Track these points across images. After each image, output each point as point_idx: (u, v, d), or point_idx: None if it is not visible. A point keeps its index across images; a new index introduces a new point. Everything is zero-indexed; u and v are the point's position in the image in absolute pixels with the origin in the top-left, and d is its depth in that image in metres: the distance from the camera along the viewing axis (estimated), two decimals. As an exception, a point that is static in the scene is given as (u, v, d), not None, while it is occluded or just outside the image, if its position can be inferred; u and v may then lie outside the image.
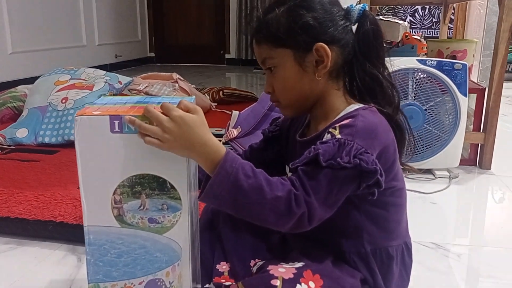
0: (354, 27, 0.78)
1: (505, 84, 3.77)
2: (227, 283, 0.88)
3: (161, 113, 0.68)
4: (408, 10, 5.32)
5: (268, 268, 0.73)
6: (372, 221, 0.80)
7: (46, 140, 1.89)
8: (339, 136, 0.71)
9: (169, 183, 0.71)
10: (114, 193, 0.72)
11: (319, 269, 0.75)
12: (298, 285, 0.71)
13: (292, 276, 0.72)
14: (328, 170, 0.69)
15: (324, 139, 0.73)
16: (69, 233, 1.18)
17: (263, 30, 0.79)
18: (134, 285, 0.75)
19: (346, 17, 0.78)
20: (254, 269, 0.82)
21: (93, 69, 2.21)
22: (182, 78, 2.48)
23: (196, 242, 0.82)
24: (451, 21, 3.98)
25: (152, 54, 5.63)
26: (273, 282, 0.70)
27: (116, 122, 0.68)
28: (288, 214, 0.68)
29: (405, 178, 1.62)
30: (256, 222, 0.72)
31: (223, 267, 0.92)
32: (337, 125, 0.74)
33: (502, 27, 1.66)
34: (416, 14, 5.33)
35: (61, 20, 3.90)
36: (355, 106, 0.78)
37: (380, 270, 0.80)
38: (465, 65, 1.64)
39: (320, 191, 0.69)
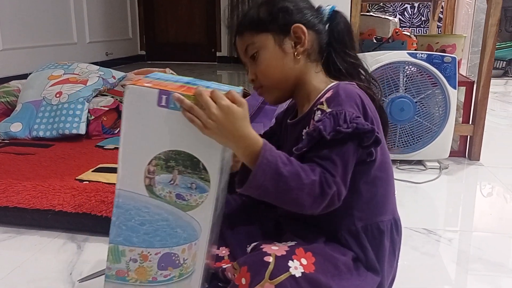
0: (326, 26, 0.86)
1: (493, 80, 3.84)
2: (225, 266, 0.90)
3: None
4: (398, 9, 5.37)
5: (261, 247, 0.76)
6: (361, 197, 0.83)
7: (41, 134, 1.90)
8: (329, 110, 0.76)
9: (202, 164, 0.73)
10: (149, 163, 0.74)
11: (311, 247, 0.78)
12: (290, 261, 0.73)
13: (284, 253, 0.75)
14: (335, 146, 0.74)
15: (316, 118, 0.77)
16: (68, 221, 1.19)
17: (244, 22, 0.85)
18: (150, 254, 0.78)
19: (317, 15, 0.86)
20: (249, 250, 0.85)
21: (87, 64, 2.21)
22: (175, 74, 2.49)
23: (216, 228, 0.84)
24: (439, 19, 4.04)
25: (143, 52, 5.63)
26: (266, 258, 0.73)
27: (164, 97, 0.70)
28: (322, 196, 0.72)
29: (396, 169, 1.67)
30: (291, 208, 0.75)
31: (222, 252, 0.94)
32: (322, 99, 0.79)
33: (490, 22, 1.70)
34: (405, 13, 5.39)
35: (52, 18, 3.89)
36: (335, 83, 0.84)
37: (372, 246, 0.83)
38: (455, 58, 1.68)
39: (339, 170, 0.74)
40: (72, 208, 1.20)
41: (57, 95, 1.97)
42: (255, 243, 0.81)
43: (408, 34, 2.70)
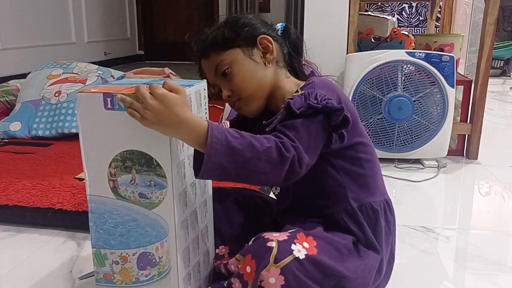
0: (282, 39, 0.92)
1: (491, 80, 3.85)
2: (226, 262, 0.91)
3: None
4: (395, 9, 5.38)
5: (263, 235, 0.77)
6: (351, 179, 0.86)
7: (40, 133, 1.90)
8: (301, 92, 0.80)
9: (155, 160, 0.73)
10: (109, 166, 0.75)
11: (311, 232, 0.81)
12: (293, 245, 0.74)
13: (286, 238, 0.76)
14: (303, 119, 0.76)
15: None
16: (67, 220, 1.19)
17: (208, 45, 0.88)
18: (129, 255, 0.79)
19: (273, 30, 0.92)
20: (250, 243, 0.85)
21: (85, 63, 2.22)
22: (174, 73, 2.49)
23: (200, 221, 0.84)
24: (437, 19, 4.05)
25: (141, 52, 5.63)
26: (269, 244, 0.74)
27: (109, 100, 0.72)
28: (281, 160, 0.73)
29: (394, 168, 1.68)
30: (256, 182, 0.77)
31: (222, 250, 0.95)
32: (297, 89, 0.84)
33: (488, 21, 1.71)
34: (403, 13, 5.40)
35: (50, 17, 3.89)
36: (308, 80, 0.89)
37: (368, 225, 0.85)
38: (453, 57, 1.68)
39: (302, 137, 0.76)
40: (72, 207, 1.20)
41: (56, 94, 1.97)
42: (255, 236, 0.82)
43: (406, 33, 2.71)
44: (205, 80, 0.86)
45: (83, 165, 0.77)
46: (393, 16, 5.31)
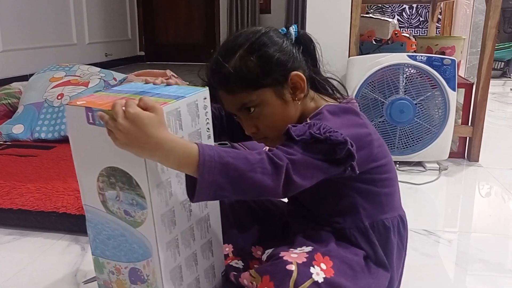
0: (299, 52, 0.85)
1: (491, 81, 3.85)
2: (234, 264, 0.92)
3: None
4: (396, 10, 5.39)
5: (281, 255, 0.77)
6: (364, 197, 0.86)
7: (43, 136, 1.91)
8: (309, 121, 0.78)
9: (135, 180, 0.69)
10: (97, 180, 0.74)
11: (327, 251, 0.80)
12: (311, 268, 0.75)
13: (305, 260, 0.76)
14: (301, 143, 0.74)
15: None
16: (71, 223, 1.20)
17: (233, 79, 0.80)
18: (121, 268, 0.78)
19: (290, 43, 0.84)
20: (264, 257, 0.86)
21: (88, 66, 2.22)
22: (176, 75, 2.50)
23: (194, 240, 0.80)
24: (438, 20, 4.05)
25: (142, 53, 5.63)
26: (289, 267, 0.73)
27: (90, 114, 0.69)
28: (276, 170, 0.70)
29: (396, 170, 1.68)
30: (255, 195, 0.73)
31: (226, 249, 0.96)
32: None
33: (489, 24, 1.72)
34: (403, 14, 5.40)
35: (51, 19, 3.90)
36: (324, 103, 0.85)
37: (379, 242, 0.86)
38: (454, 60, 1.69)
39: (295, 154, 0.73)
40: (76, 210, 1.21)
41: (59, 97, 1.98)
42: (270, 251, 0.82)
43: (408, 35, 2.72)
44: (207, 88, 0.79)
45: (77, 175, 0.76)
46: (394, 18, 5.32)
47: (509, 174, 1.73)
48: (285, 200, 1.01)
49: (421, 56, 1.69)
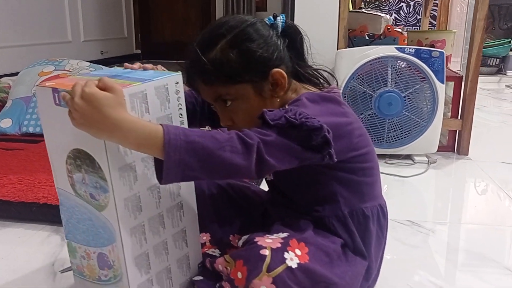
0: (284, 44, 0.83)
1: (486, 78, 3.84)
2: (211, 252, 0.91)
3: None
4: (393, 8, 5.38)
5: (255, 240, 0.76)
6: (344, 186, 0.85)
7: (30, 129, 1.90)
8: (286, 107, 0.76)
9: (97, 162, 0.68)
10: (66, 163, 0.73)
11: (303, 238, 0.79)
12: (286, 253, 0.74)
13: (279, 245, 0.75)
14: (276, 128, 0.72)
15: None
16: (52, 214, 1.19)
17: (211, 71, 0.78)
18: (91, 253, 0.77)
19: (276, 35, 0.82)
20: (240, 243, 0.85)
21: (78, 61, 2.22)
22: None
23: (164, 228, 0.78)
24: (434, 17, 4.04)
25: (139, 51, 5.62)
26: (263, 251, 0.73)
27: (56, 95, 0.68)
28: (247, 149, 0.69)
29: (384, 164, 1.68)
30: (227, 175, 0.71)
31: (203, 238, 0.95)
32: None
33: (478, 16, 1.71)
34: (401, 11, 5.40)
35: (46, 16, 3.89)
36: (305, 91, 0.84)
37: (358, 230, 0.85)
38: (442, 53, 1.68)
39: (269, 136, 0.71)
40: (57, 201, 1.17)
41: (47, 91, 1.97)
42: (246, 237, 0.81)
43: (400, 30, 2.72)
44: (180, 73, 0.77)
45: (49, 158, 0.75)
46: (391, 15, 5.31)
47: (497, 167, 1.72)
48: (266, 188, 1.01)
49: (409, 48, 1.68)
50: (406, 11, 5.38)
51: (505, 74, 3.87)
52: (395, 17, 5.30)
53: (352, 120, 0.84)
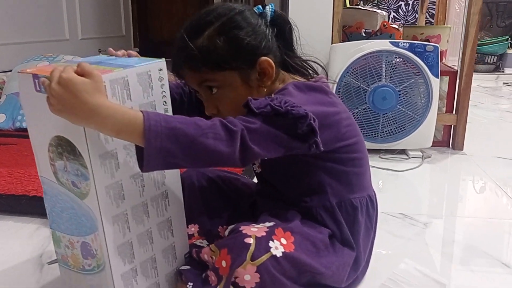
0: (273, 33, 0.82)
1: (484, 75, 3.83)
2: (198, 242, 0.90)
3: None
4: (392, 6, 5.38)
5: (240, 229, 0.76)
6: (333, 176, 0.84)
7: (24, 125, 1.89)
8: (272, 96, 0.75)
9: (78, 149, 0.67)
10: (48, 150, 0.72)
11: (289, 227, 0.79)
12: (271, 241, 0.74)
13: (264, 234, 0.74)
14: (261, 116, 0.71)
15: None
16: (42, 207, 1.15)
17: (198, 58, 0.77)
18: (74, 242, 0.76)
19: (265, 24, 0.81)
20: (226, 233, 0.85)
21: (72, 56, 2.21)
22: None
23: (148, 217, 0.77)
24: (432, 16, 4.03)
25: (137, 49, 5.61)
26: (247, 240, 0.72)
27: (36, 82, 0.66)
28: (230, 136, 0.68)
29: (379, 158, 1.67)
30: (210, 161, 0.70)
31: (192, 229, 0.94)
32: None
33: (472, 10, 1.70)
34: (399, 10, 5.39)
35: (43, 13, 3.88)
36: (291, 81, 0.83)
37: (346, 221, 0.84)
38: (437, 47, 1.67)
39: (254, 123, 0.71)
40: (47, 194, 1.19)
41: (41, 86, 1.96)
42: (232, 226, 0.81)
43: (396, 27, 2.70)
44: (163, 59, 0.75)
45: (32, 146, 0.74)
46: (390, 14, 5.30)
47: (493, 162, 1.71)
48: (255, 180, 1.00)
49: (404, 42, 1.67)
50: (404, 10, 5.37)
51: (503, 71, 3.86)
52: (393, 15, 5.30)
53: (339, 109, 0.83)
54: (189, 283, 0.79)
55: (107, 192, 0.69)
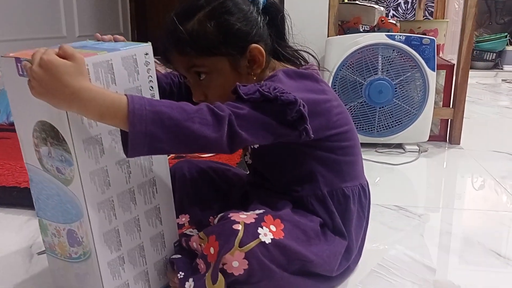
0: (264, 21, 0.81)
1: (483, 72, 3.81)
2: (188, 232, 0.89)
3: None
4: (391, 4, 5.37)
5: (229, 215, 0.75)
6: (324, 165, 0.83)
7: (19, 119, 1.88)
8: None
9: (61, 134, 0.66)
10: (33, 136, 0.70)
11: (279, 215, 0.78)
12: (260, 228, 0.73)
13: (253, 220, 0.74)
14: (249, 102, 0.70)
15: None
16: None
17: (187, 42, 0.76)
18: (60, 230, 0.75)
19: (257, 11, 0.80)
20: (216, 221, 0.84)
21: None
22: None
23: (135, 204, 0.76)
24: (431, 14, 4.02)
25: (135, 47, 5.61)
26: (235, 226, 0.71)
27: (19, 65, 0.65)
28: (217, 122, 0.67)
29: (375, 152, 1.66)
30: (197, 147, 0.69)
31: (182, 219, 0.93)
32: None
33: (469, 3, 1.69)
34: (399, 8, 5.38)
35: (40, 10, 3.87)
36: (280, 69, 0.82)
37: (338, 210, 0.84)
38: (433, 40, 1.66)
39: (243, 109, 0.69)
40: (38, 185, 1.18)
41: (36, 81, 1.95)
42: (222, 214, 0.80)
43: (394, 22, 2.69)
44: (149, 44, 0.73)
45: (16, 132, 0.73)
46: (389, 12, 5.29)
47: (489, 156, 1.70)
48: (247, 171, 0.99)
49: (400, 35, 1.66)
50: (404, 8, 5.37)
51: (502, 68, 3.84)
52: (393, 13, 5.28)
53: (330, 97, 0.82)
54: (180, 273, 0.78)
55: (91, 178, 0.68)
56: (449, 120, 1.82)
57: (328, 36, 1.76)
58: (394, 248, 1.00)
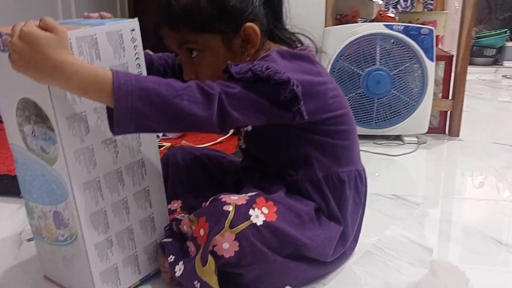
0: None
1: (483, 68, 3.79)
2: (180, 216, 0.87)
3: None
4: (391, 2, 5.35)
5: (220, 197, 0.73)
6: (319, 149, 0.81)
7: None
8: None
9: (44, 111, 0.64)
10: (16, 115, 0.68)
11: (272, 197, 0.76)
12: (251, 209, 0.71)
13: (244, 202, 0.72)
14: (241, 82, 0.68)
15: None
16: (24, 186, 1.15)
17: (181, 17, 0.74)
18: (47, 212, 0.73)
19: None
20: (207, 204, 0.82)
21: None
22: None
23: (123, 185, 0.74)
24: (430, 11, 3.99)
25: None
26: (226, 207, 0.70)
27: (0, 40, 0.63)
28: (207, 100, 0.65)
29: (373, 144, 1.64)
30: (186, 125, 0.67)
31: (174, 205, 0.92)
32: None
33: (468, -7, 1.67)
34: (398, 6, 5.37)
35: (36, 2, 3.85)
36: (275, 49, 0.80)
37: (333, 195, 0.82)
38: (432, 30, 1.64)
39: (234, 88, 0.68)
40: (29, 173, 1.16)
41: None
42: (213, 196, 0.78)
43: (393, 15, 2.68)
44: (136, 19, 0.72)
45: (1, 112, 0.71)
46: (388, 10, 5.27)
47: (489, 147, 1.68)
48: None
49: (398, 25, 1.64)
50: (404, 6, 5.35)
51: (502, 64, 3.82)
52: (392, 11, 5.27)
53: (326, 80, 0.80)
54: (171, 256, 0.77)
55: (76, 157, 0.66)
56: (448, 112, 1.80)
57: (325, 27, 1.74)
58: (389, 228, 0.98)
